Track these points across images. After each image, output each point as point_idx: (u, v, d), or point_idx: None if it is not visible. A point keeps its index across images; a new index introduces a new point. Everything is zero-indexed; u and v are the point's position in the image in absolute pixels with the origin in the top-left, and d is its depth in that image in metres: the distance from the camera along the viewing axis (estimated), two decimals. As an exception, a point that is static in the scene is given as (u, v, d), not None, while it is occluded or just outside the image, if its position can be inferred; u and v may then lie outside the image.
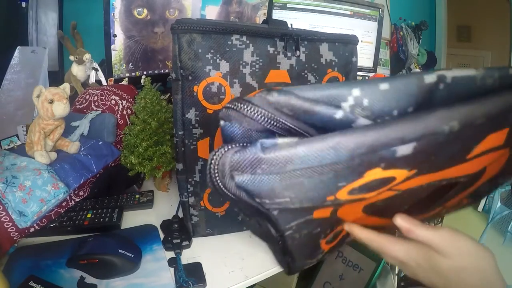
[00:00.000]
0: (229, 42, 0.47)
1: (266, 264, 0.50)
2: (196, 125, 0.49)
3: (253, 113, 0.21)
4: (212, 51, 0.46)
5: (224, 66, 0.47)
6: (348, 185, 0.22)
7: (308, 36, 0.52)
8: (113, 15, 0.90)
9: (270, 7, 1.17)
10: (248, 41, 0.48)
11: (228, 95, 0.48)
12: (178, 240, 0.52)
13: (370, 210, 0.31)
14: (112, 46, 0.92)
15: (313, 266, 1.06)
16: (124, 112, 0.73)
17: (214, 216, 0.55)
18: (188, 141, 0.50)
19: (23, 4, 0.90)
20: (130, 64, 0.98)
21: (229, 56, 0.47)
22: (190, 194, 0.53)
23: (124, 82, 0.93)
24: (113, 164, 0.67)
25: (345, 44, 0.55)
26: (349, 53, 0.55)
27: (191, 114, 0.48)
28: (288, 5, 1.25)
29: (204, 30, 0.46)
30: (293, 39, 0.50)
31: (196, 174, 0.52)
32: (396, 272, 0.94)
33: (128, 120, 0.72)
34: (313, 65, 0.52)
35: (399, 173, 0.23)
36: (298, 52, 0.50)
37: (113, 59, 0.93)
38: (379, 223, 0.34)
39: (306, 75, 0.52)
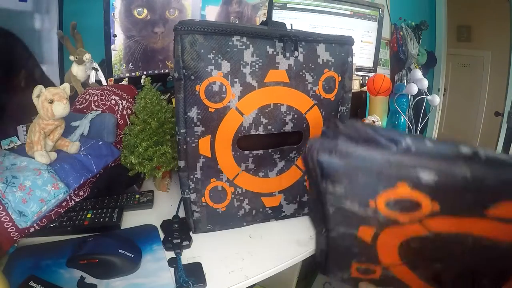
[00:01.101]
0: (230, 43, 0.49)
1: (266, 264, 0.50)
2: (198, 123, 0.50)
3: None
4: (213, 51, 0.48)
5: (225, 66, 0.49)
6: (384, 192, 0.26)
7: (306, 37, 0.53)
8: (113, 15, 0.90)
9: (270, 7, 1.17)
10: (248, 42, 0.50)
11: (229, 94, 0.50)
12: (178, 240, 0.52)
13: (404, 254, 0.32)
14: (112, 46, 0.92)
15: (313, 266, 1.06)
16: (124, 112, 0.73)
17: (215, 212, 0.56)
18: (190, 139, 0.51)
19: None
20: (130, 64, 0.98)
21: (230, 57, 0.49)
22: (191, 191, 0.54)
23: (124, 82, 0.93)
24: (113, 164, 0.67)
25: (341, 45, 0.56)
26: (345, 54, 0.57)
27: (193, 113, 0.49)
28: (288, 5, 1.25)
29: (206, 31, 0.47)
30: (292, 40, 0.51)
31: (198, 171, 0.53)
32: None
33: (128, 120, 0.72)
34: (310, 65, 0.54)
35: (424, 200, 0.26)
36: (296, 52, 0.52)
37: (113, 59, 0.93)
38: (409, 281, 0.34)
39: (304, 75, 0.53)
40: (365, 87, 1.21)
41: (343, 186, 0.28)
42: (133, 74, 1.00)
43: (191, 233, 0.55)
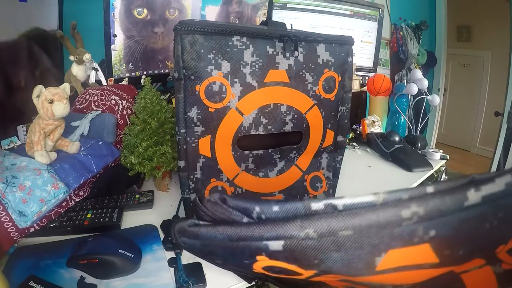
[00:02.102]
0: (230, 43, 0.49)
1: (266, 264, 0.50)
2: (198, 123, 0.50)
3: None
4: (213, 51, 0.48)
5: (225, 66, 0.49)
6: (254, 263, 0.25)
7: (306, 37, 0.53)
8: (113, 15, 0.90)
9: (270, 7, 1.17)
10: (248, 42, 0.49)
11: (229, 94, 0.50)
12: (178, 240, 0.52)
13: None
14: (112, 46, 0.92)
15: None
16: (124, 112, 0.73)
17: None
18: (190, 139, 0.51)
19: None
20: (130, 64, 0.98)
21: (230, 57, 0.49)
22: (191, 191, 0.54)
23: (124, 82, 0.93)
24: (113, 164, 0.67)
25: (341, 45, 0.56)
26: (345, 54, 0.57)
27: (193, 113, 0.49)
28: (288, 5, 1.25)
29: (206, 31, 0.47)
30: (292, 40, 0.51)
31: (198, 171, 0.53)
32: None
33: (128, 120, 0.72)
34: (310, 65, 0.54)
35: (292, 267, 0.24)
36: (296, 52, 0.52)
37: (113, 59, 0.93)
38: None
39: (304, 75, 0.53)
40: (365, 87, 1.22)
41: (220, 258, 0.27)
42: (133, 74, 1.00)
43: (191, 233, 0.55)
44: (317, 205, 0.22)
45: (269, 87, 0.52)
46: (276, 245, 0.22)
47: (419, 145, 1.00)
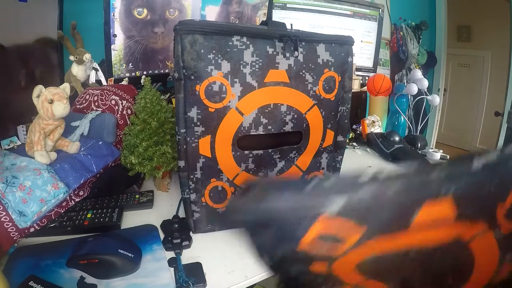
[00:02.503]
0: (230, 43, 0.49)
1: (266, 264, 0.50)
2: (198, 123, 0.50)
3: None
4: (213, 51, 0.48)
5: (225, 66, 0.49)
6: (305, 235, 0.26)
7: (306, 37, 0.53)
8: (113, 15, 0.90)
9: (270, 7, 1.17)
10: (248, 42, 0.50)
11: (229, 94, 0.50)
12: (178, 240, 0.52)
13: (365, 273, 0.30)
14: (112, 46, 0.92)
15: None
16: (124, 112, 0.73)
17: (215, 212, 0.56)
18: (190, 139, 0.51)
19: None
20: (130, 64, 0.98)
21: (230, 57, 0.49)
22: (191, 191, 0.54)
23: (124, 82, 0.93)
24: (113, 164, 0.67)
25: (341, 45, 0.56)
26: (345, 54, 0.57)
27: (193, 113, 0.49)
28: (288, 5, 1.25)
29: (206, 31, 0.47)
30: (292, 40, 0.51)
31: (198, 171, 0.53)
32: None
33: (128, 120, 0.72)
34: (310, 65, 0.54)
35: (346, 225, 0.26)
36: (296, 52, 0.52)
37: (113, 59, 0.93)
38: None
39: (304, 75, 0.53)
40: (365, 87, 1.22)
41: (270, 234, 0.27)
42: (133, 74, 1.00)
43: (191, 233, 0.55)
44: (363, 178, 0.26)
45: (269, 87, 0.52)
46: (336, 205, 0.25)
47: (419, 145, 1.00)
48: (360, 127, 1.09)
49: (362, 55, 1.40)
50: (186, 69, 0.48)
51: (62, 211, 0.57)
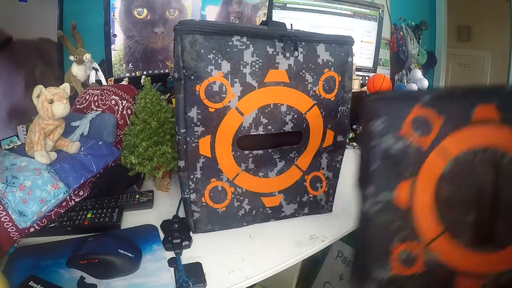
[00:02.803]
0: (230, 43, 0.49)
1: (266, 264, 0.50)
2: (198, 123, 0.50)
3: None
4: (214, 51, 0.48)
5: (225, 66, 0.49)
6: (408, 115, 0.36)
7: (306, 37, 0.53)
8: (113, 15, 0.90)
9: (270, 7, 1.17)
10: (248, 42, 0.50)
11: (229, 94, 0.50)
12: (178, 240, 0.52)
13: (440, 206, 0.36)
14: (112, 46, 0.92)
15: (313, 266, 1.06)
16: (124, 112, 0.73)
17: (215, 212, 0.56)
18: (190, 139, 0.51)
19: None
20: (130, 64, 0.98)
21: (230, 57, 0.49)
22: (191, 191, 0.54)
23: (124, 82, 0.93)
24: (113, 164, 0.67)
25: (341, 45, 0.56)
26: (345, 54, 0.57)
27: (193, 113, 0.49)
28: (288, 5, 1.25)
29: (206, 31, 0.47)
30: (292, 40, 0.51)
31: (198, 171, 0.53)
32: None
33: (128, 120, 0.72)
34: (310, 65, 0.54)
35: (432, 116, 0.36)
36: (296, 52, 0.52)
37: (113, 59, 0.93)
38: (454, 260, 0.37)
39: (304, 75, 0.54)
40: (365, 87, 1.21)
41: (383, 120, 0.35)
42: (133, 74, 1.00)
43: (191, 233, 0.55)
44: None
45: (269, 87, 0.51)
46: (427, 96, 0.36)
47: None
48: (360, 127, 1.09)
49: (362, 55, 1.40)
50: (186, 69, 0.48)
51: (62, 211, 0.57)
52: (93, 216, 0.57)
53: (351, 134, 1.10)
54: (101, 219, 0.56)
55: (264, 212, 0.59)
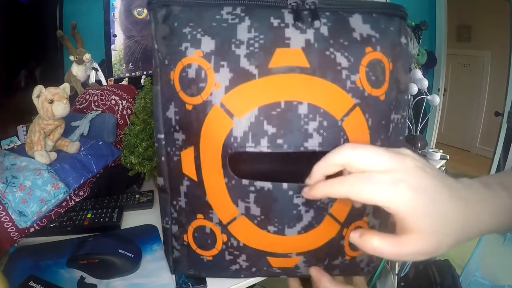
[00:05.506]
0: (218, 16, 0.34)
1: (266, 264, 0.50)
2: (177, 127, 0.35)
3: None
4: (191, 24, 0.34)
5: (207, 43, 0.33)
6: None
7: (330, 5, 0.35)
8: (113, 15, 0.90)
9: None
10: (243, 14, 0.34)
11: (211, 83, 0.33)
12: (178, 240, 0.52)
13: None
14: (112, 46, 0.92)
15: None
16: (124, 112, 0.73)
17: (199, 259, 0.39)
18: (171, 149, 0.36)
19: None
20: (130, 64, 0.98)
21: (215, 32, 0.34)
22: (173, 221, 0.40)
23: (124, 82, 0.93)
24: (113, 164, 0.67)
25: (389, 17, 0.36)
26: (395, 30, 0.36)
27: (171, 112, 0.35)
28: None
29: (186, 2, 0.35)
30: (308, 9, 0.34)
31: (182, 197, 0.38)
32: (396, 272, 0.94)
33: (128, 120, 0.72)
34: (341, 40, 0.34)
35: None
36: (318, 22, 0.34)
37: (113, 59, 0.93)
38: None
39: (333, 55, 0.33)
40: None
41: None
42: (133, 74, 1.00)
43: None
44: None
45: (276, 74, 0.33)
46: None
47: (419, 145, 1.00)
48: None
49: (362, 55, 1.40)
50: (160, 52, 0.35)
51: (62, 211, 0.57)
52: (93, 216, 0.57)
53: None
54: (101, 219, 0.56)
55: (269, 271, 0.39)
